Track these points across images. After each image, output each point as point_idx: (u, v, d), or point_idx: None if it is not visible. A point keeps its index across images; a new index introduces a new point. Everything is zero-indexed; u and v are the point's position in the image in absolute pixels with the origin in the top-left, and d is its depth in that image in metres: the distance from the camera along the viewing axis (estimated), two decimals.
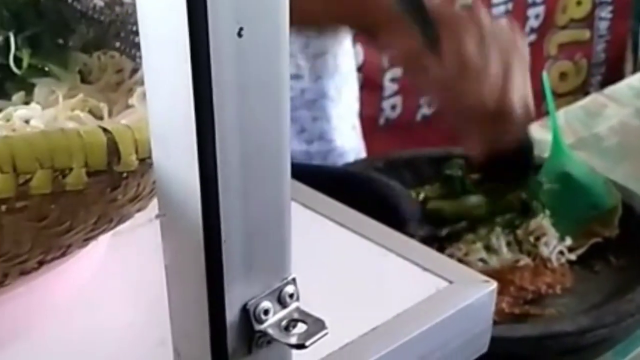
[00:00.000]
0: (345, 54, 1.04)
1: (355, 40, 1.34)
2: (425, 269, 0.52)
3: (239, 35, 0.29)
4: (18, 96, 0.48)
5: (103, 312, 0.46)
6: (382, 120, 1.52)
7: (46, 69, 0.49)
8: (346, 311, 0.47)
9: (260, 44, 0.30)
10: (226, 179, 0.32)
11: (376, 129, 1.49)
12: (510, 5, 1.51)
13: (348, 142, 1.08)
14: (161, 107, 0.32)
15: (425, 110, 1.55)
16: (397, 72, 1.49)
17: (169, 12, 0.29)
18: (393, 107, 1.52)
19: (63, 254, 0.41)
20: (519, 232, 0.86)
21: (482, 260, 0.84)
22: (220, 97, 0.30)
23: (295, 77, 0.99)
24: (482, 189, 0.90)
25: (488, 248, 0.87)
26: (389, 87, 1.48)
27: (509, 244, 0.86)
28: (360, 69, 1.40)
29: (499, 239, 0.86)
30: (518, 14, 1.54)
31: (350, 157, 1.06)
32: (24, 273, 0.40)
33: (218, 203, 0.33)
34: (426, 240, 0.74)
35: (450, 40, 0.77)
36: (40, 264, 0.40)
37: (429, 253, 0.53)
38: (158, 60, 0.31)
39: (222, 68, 0.30)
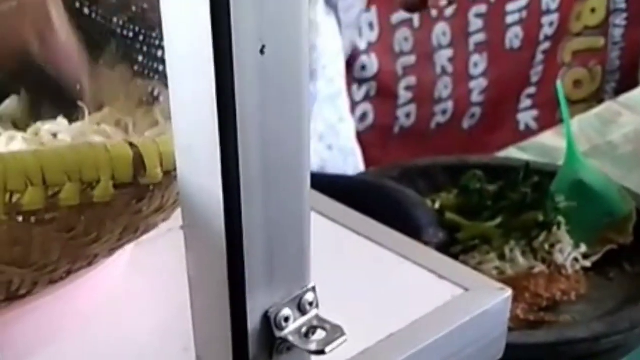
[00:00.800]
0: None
1: (369, 49, 1.35)
2: (441, 277, 0.53)
3: (262, 52, 0.31)
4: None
5: (127, 319, 0.48)
6: (396, 129, 1.53)
7: None
8: (363, 318, 0.48)
9: (282, 61, 0.32)
10: (248, 190, 0.33)
11: (391, 137, 1.50)
12: (524, 14, 1.51)
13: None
14: (186, 121, 0.33)
15: (439, 119, 1.56)
16: (411, 80, 1.50)
17: (194, 30, 0.31)
18: (407, 116, 1.53)
19: (90, 264, 0.42)
20: (534, 240, 0.87)
21: (496, 268, 0.85)
22: (243, 112, 0.31)
23: None
24: (498, 207, 0.90)
25: (503, 257, 0.87)
26: (404, 95, 1.48)
27: (523, 252, 0.87)
28: (374, 78, 1.41)
29: (514, 250, 0.87)
30: (532, 22, 1.54)
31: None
32: (52, 282, 0.41)
33: (240, 213, 0.34)
34: (440, 249, 0.76)
35: None
36: (68, 273, 0.42)
37: (445, 261, 0.54)
38: (183, 75, 0.32)
39: (245, 84, 0.31)
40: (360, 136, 1.30)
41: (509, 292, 0.51)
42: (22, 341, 0.42)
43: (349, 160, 1.08)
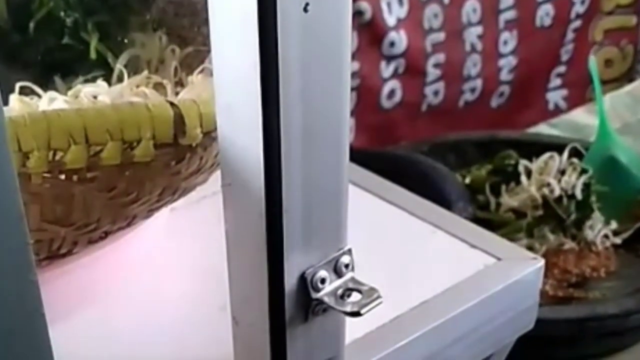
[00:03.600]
0: None
1: (398, 26, 1.34)
2: (473, 246, 0.53)
3: (305, 10, 0.31)
4: None
5: (164, 280, 0.48)
6: (424, 106, 1.52)
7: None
8: (397, 285, 0.48)
9: (325, 20, 0.32)
10: (289, 151, 0.34)
11: (419, 115, 1.49)
12: None
13: None
14: (228, 80, 0.33)
15: (468, 97, 1.55)
16: (440, 57, 1.49)
17: None
18: (436, 93, 1.52)
19: (128, 225, 0.43)
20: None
21: (526, 244, 0.85)
22: (286, 71, 0.32)
23: None
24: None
25: (531, 234, 0.87)
26: (432, 72, 1.47)
27: (553, 230, 0.87)
28: (403, 55, 1.41)
29: (543, 227, 0.87)
30: (563, 0, 1.52)
31: None
32: (92, 242, 0.42)
33: (280, 174, 0.34)
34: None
35: None
36: (107, 233, 0.42)
37: (477, 230, 0.54)
38: (226, 33, 0.32)
39: (288, 42, 0.31)
40: (388, 113, 1.30)
41: (541, 262, 0.51)
42: (60, 300, 0.43)
43: None
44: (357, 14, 1.18)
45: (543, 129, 1.09)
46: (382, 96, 1.30)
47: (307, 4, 0.31)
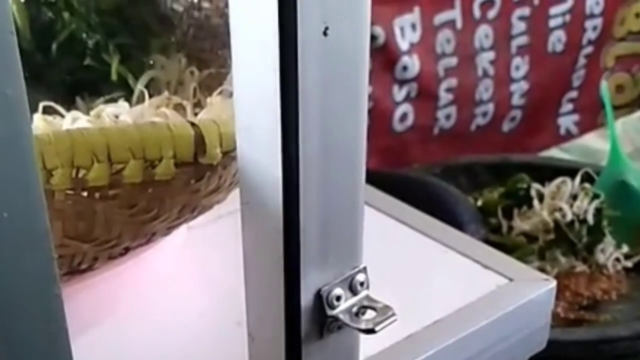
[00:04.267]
0: None
1: (411, 50, 1.36)
2: (485, 267, 0.53)
3: (325, 34, 0.32)
4: None
5: (181, 296, 0.49)
6: (436, 130, 1.53)
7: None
8: (410, 304, 0.49)
9: (344, 43, 0.33)
10: (307, 170, 0.34)
11: (430, 138, 1.50)
12: (568, 17, 1.51)
13: None
14: (248, 100, 0.34)
15: (480, 121, 1.56)
16: (452, 82, 1.50)
17: (260, 11, 0.32)
18: (448, 117, 1.53)
19: (148, 241, 0.43)
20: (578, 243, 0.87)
21: (537, 267, 0.85)
22: (305, 92, 0.32)
23: None
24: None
25: (543, 256, 0.88)
26: (444, 96, 1.48)
27: (564, 252, 0.87)
28: (415, 79, 1.42)
29: (555, 250, 0.87)
30: (576, 26, 1.53)
31: None
32: (112, 258, 0.43)
33: (298, 192, 0.35)
34: None
35: None
36: (127, 250, 0.43)
37: (489, 251, 0.55)
38: (247, 55, 0.33)
39: (308, 65, 0.32)
40: (401, 136, 1.30)
41: (553, 283, 0.52)
42: (79, 315, 0.44)
43: None
44: (371, 38, 1.20)
45: (555, 153, 1.10)
46: (395, 119, 1.31)
47: (326, 28, 0.32)
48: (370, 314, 0.39)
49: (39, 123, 0.46)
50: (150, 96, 0.49)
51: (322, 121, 0.34)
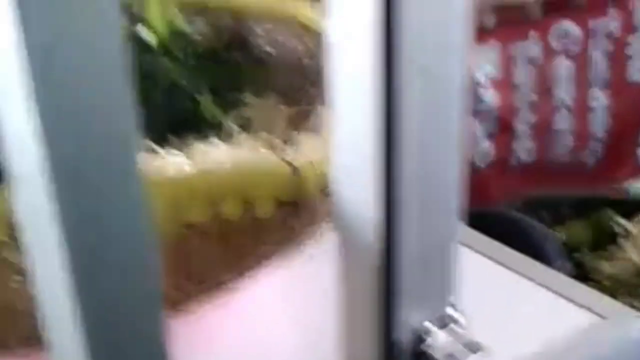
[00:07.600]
0: None
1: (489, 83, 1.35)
2: (577, 304, 0.53)
3: (421, 75, 0.32)
4: None
5: (273, 332, 0.50)
6: (514, 163, 1.51)
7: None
8: (501, 341, 0.48)
9: (443, 85, 0.33)
10: (405, 211, 0.35)
11: (508, 171, 1.48)
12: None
13: None
14: (347, 141, 0.35)
15: (557, 153, 1.53)
16: (531, 116, 1.49)
17: (360, 57, 0.32)
18: (526, 150, 1.51)
19: (242, 276, 0.44)
20: None
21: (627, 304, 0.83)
22: (403, 134, 0.33)
23: None
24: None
25: (631, 293, 0.86)
26: (522, 129, 1.47)
27: None
28: (494, 112, 1.41)
29: None
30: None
31: None
32: (210, 293, 0.44)
33: (396, 232, 0.35)
34: None
35: None
36: (224, 285, 0.44)
37: (581, 288, 0.54)
38: (346, 97, 0.34)
39: (405, 107, 0.33)
40: (480, 170, 1.29)
41: None
42: (181, 348, 0.45)
43: None
44: None
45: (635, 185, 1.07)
46: (475, 153, 1.30)
47: (424, 72, 0.32)
48: (463, 351, 0.39)
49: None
50: (241, 133, 0.50)
51: (420, 161, 0.34)
